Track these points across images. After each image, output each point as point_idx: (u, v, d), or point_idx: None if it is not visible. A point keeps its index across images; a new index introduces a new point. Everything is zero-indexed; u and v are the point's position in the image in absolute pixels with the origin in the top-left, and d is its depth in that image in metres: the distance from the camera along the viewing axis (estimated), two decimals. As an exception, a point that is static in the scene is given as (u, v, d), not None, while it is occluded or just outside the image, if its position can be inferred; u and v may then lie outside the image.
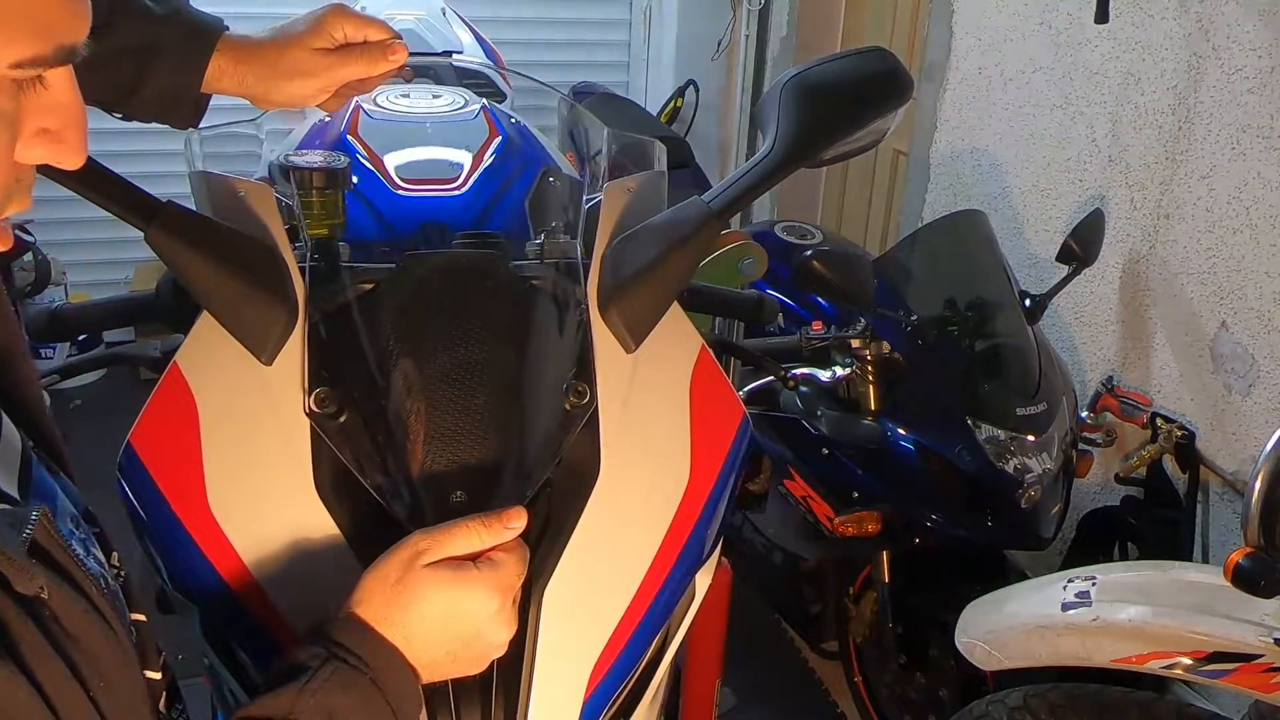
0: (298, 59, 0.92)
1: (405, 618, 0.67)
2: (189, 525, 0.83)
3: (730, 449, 0.95)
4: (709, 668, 1.44)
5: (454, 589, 0.68)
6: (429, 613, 0.67)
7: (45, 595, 0.53)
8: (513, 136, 1.24)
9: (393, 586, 0.67)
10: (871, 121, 0.98)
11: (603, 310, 0.91)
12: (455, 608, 0.68)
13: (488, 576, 0.69)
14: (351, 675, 0.64)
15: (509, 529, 0.71)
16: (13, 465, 0.61)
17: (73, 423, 3.16)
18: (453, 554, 0.69)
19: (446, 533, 0.69)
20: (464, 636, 0.69)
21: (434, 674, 0.70)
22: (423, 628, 0.68)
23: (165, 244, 0.84)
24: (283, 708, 0.62)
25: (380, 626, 0.67)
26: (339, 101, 0.98)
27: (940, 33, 2.81)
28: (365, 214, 1.08)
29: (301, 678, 0.63)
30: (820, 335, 1.67)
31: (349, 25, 0.93)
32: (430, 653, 0.68)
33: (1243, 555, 1.09)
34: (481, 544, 0.70)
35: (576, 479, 0.85)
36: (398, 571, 0.68)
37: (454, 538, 0.69)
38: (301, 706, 0.62)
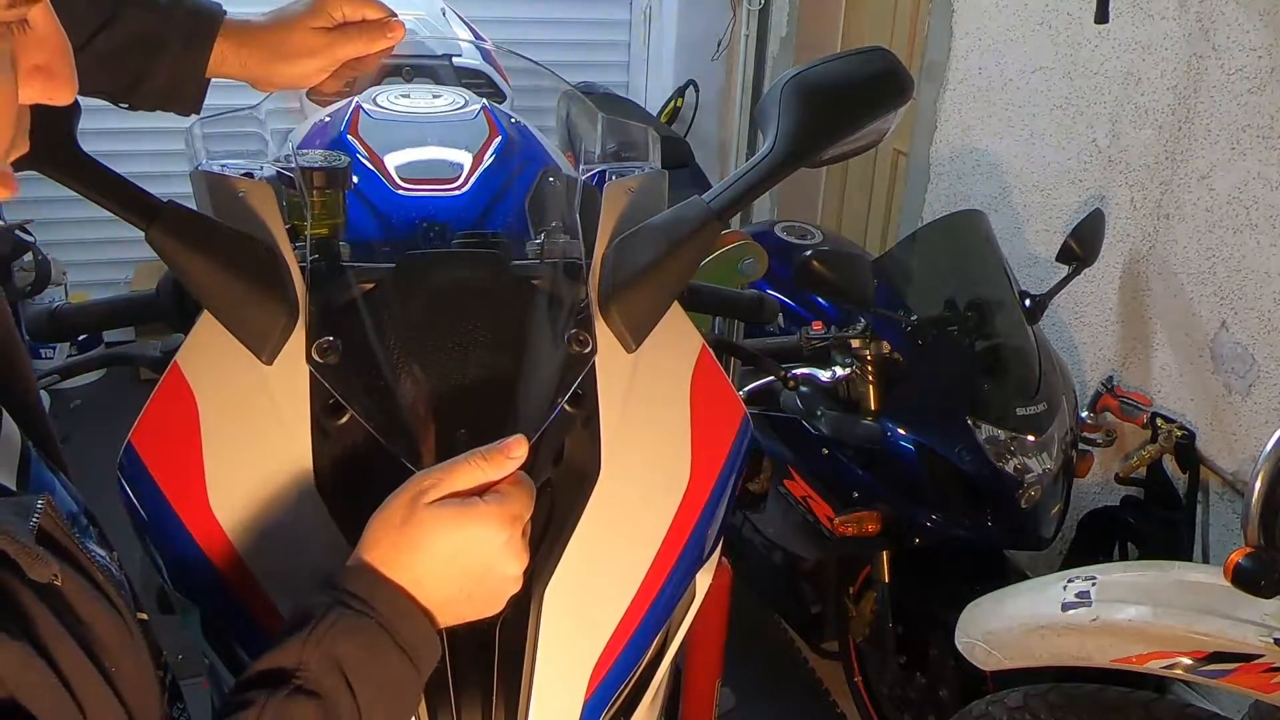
0: (298, 38, 0.94)
1: (413, 559, 0.66)
2: (190, 525, 0.83)
3: (730, 449, 0.95)
4: (709, 668, 1.44)
5: (461, 525, 0.66)
6: (437, 551, 0.66)
7: (59, 582, 0.53)
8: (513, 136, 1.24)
9: (398, 529, 0.66)
10: (871, 121, 0.98)
11: (603, 310, 0.91)
12: (464, 544, 0.66)
13: (494, 509, 0.67)
14: (357, 621, 0.63)
15: (511, 459, 0.69)
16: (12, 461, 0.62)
17: (73, 423, 3.16)
18: (456, 490, 0.68)
19: (448, 470, 0.68)
20: (475, 573, 0.68)
21: (451, 615, 0.69)
22: (433, 567, 0.66)
23: (165, 244, 0.84)
24: (289, 660, 0.61)
25: (388, 570, 0.65)
26: (336, 83, 0.99)
27: (940, 33, 2.81)
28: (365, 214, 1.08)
29: (306, 628, 0.62)
30: (820, 335, 1.67)
31: (347, 5, 0.95)
32: (443, 592, 0.67)
33: (1243, 555, 1.09)
34: (485, 478, 0.68)
35: (576, 479, 0.85)
36: (402, 513, 0.67)
37: (457, 473, 0.68)
38: (308, 657, 0.61)
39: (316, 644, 0.62)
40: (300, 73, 0.96)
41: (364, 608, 0.63)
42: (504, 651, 0.78)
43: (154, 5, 0.90)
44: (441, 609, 0.67)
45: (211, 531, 0.82)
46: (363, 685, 0.62)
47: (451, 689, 0.76)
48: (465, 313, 0.89)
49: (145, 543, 0.87)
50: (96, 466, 0.93)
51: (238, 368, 0.87)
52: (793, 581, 2.17)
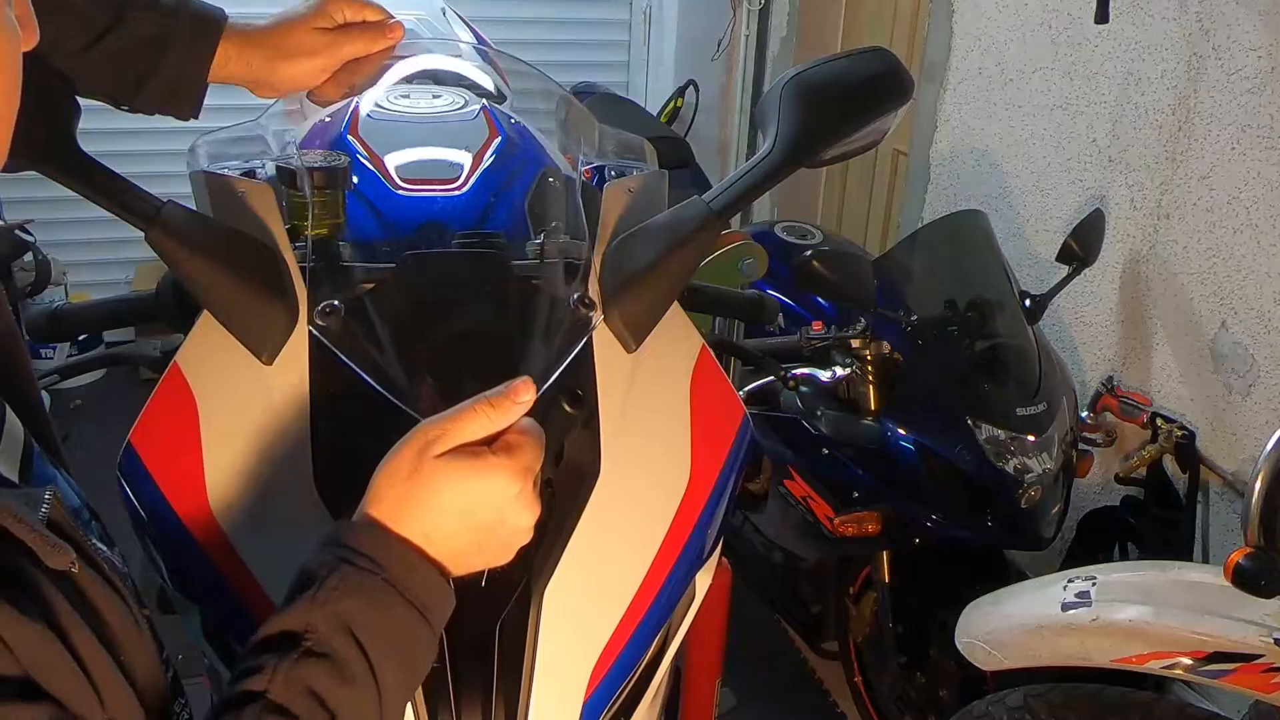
0: (300, 39, 0.95)
1: (422, 513, 0.64)
2: (189, 525, 0.83)
3: (731, 449, 0.95)
4: (709, 668, 1.44)
5: (470, 477, 0.64)
6: (446, 505, 0.64)
7: (76, 570, 0.54)
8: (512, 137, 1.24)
9: (405, 482, 0.64)
10: (871, 121, 0.98)
11: (603, 310, 0.91)
12: (473, 497, 0.65)
13: (504, 461, 0.65)
14: (363, 579, 0.62)
15: (518, 404, 0.66)
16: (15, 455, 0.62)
17: (73, 423, 3.16)
18: (464, 440, 0.65)
19: (455, 419, 0.66)
20: (486, 525, 0.66)
21: (462, 566, 0.67)
22: (442, 521, 0.65)
23: (165, 244, 0.84)
24: (297, 623, 0.60)
25: (395, 525, 0.64)
26: (338, 89, 1.00)
27: (940, 33, 2.81)
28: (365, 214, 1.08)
29: (312, 588, 0.61)
30: (820, 335, 1.67)
31: (348, 8, 0.96)
32: (453, 545, 0.66)
33: (1243, 555, 1.09)
34: (493, 426, 0.66)
35: (576, 479, 0.85)
36: (409, 465, 0.65)
37: (464, 423, 0.66)
38: (315, 618, 0.60)
39: (323, 604, 0.61)
40: (302, 72, 0.97)
41: (370, 565, 0.62)
42: (504, 651, 0.78)
43: (159, 8, 0.91)
44: (452, 561, 0.66)
45: (211, 531, 0.82)
46: (373, 643, 0.61)
47: (451, 689, 0.76)
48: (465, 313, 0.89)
49: (145, 543, 0.87)
50: (96, 466, 0.93)
51: (238, 368, 0.87)
52: (793, 581, 2.17)
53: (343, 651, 0.60)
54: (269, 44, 0.95)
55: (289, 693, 0.58)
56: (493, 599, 0.79)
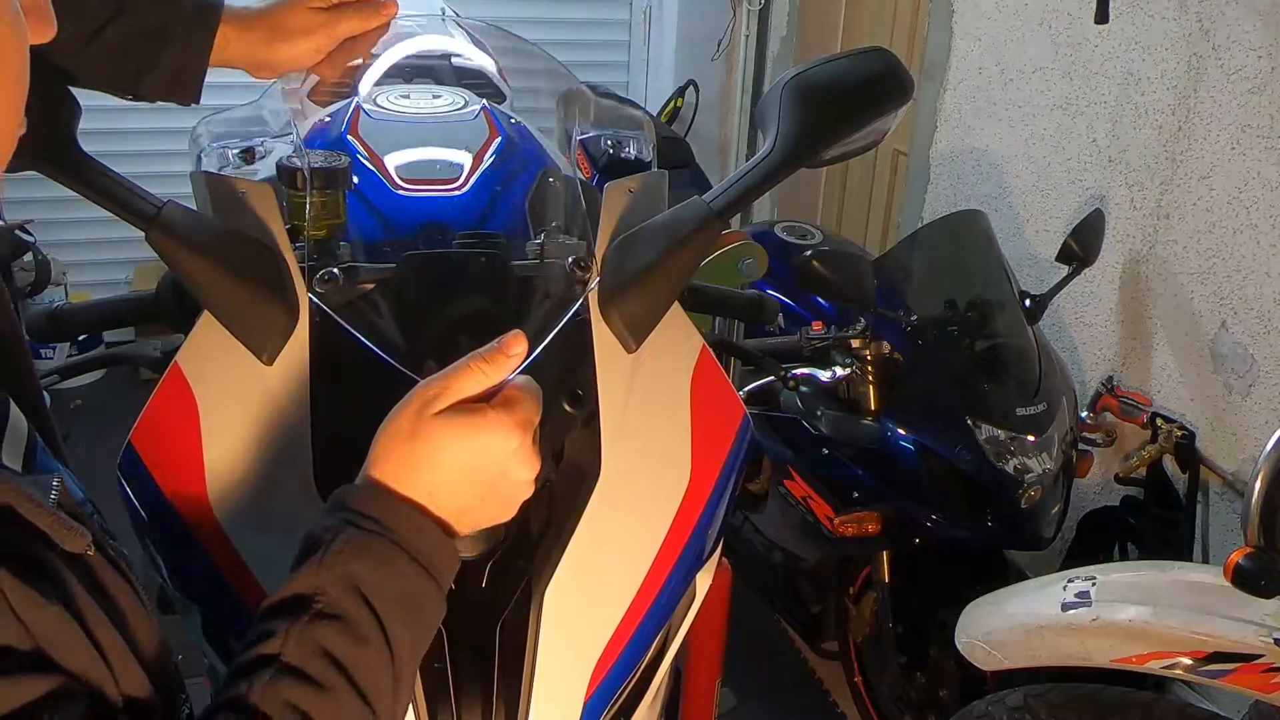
0: (296, 18, 0.97)
1: (424, 472, 0.65)
2: (190, 525, 0.83)
3: (731, 449, 0.95)
4: (709, 668, 1.44)
5: (471, 434, 0.65)
6: (448, 461, 0.65)
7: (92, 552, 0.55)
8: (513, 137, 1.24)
9: (406, 443, 0.65)
10: (872, 121, 0.98)
11: (603, 310, 0.91)
12: (475, 452, 0.65)
13: (503, 416, 0.65)
14: (369, 541, 0.62)
15: (511, 357, 0.67)
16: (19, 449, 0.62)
17: (73, 423, 3.16)
18: (462, 396, 0.66)
19: (451, 377, 0.66)
20: (488, 479, 0.67)
21: (467, 524, 0.68)
22: (445, 478, 0.65)
23: (165, 244, 0.84)
24: (306, 586, 0.61)
25: (398, 485, 0.65)
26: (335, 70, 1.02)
27: (940, 33, 2.81)
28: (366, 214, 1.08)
29: (319, 553, 0.62)
30: (820, 335, 1.67)
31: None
32: (457, 501, 0.66)
33: (1243, 555, 1.09)
34: (489, 380, 0.67)
35: (577, 479, 0.85)
36: (409, 425, 0.65)
37: (460, 380, 0.66)
38: (323, 581, 0.61)
39: (330, 567, 0.61)
40: (300, 52, 0.99)
41: (376, 526, 0.63)
42: (504, 651, 0.78)
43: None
44: (457, 518, 0.67)
45: (211, 531, 0.82)
46: (382, 603, 0.62)
47: (451, 689, 0.76)
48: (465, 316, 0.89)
49: (145, 542, 0.87)
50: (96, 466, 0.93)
51: (238, 368, 0.87)
52: (793, 581, 2.17)
53: (353, 612, 0.61)
54: (266, 26, 0.97)
55: (302, 654, 0.59)
56: (493, 599, 0.79)
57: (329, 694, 0.59)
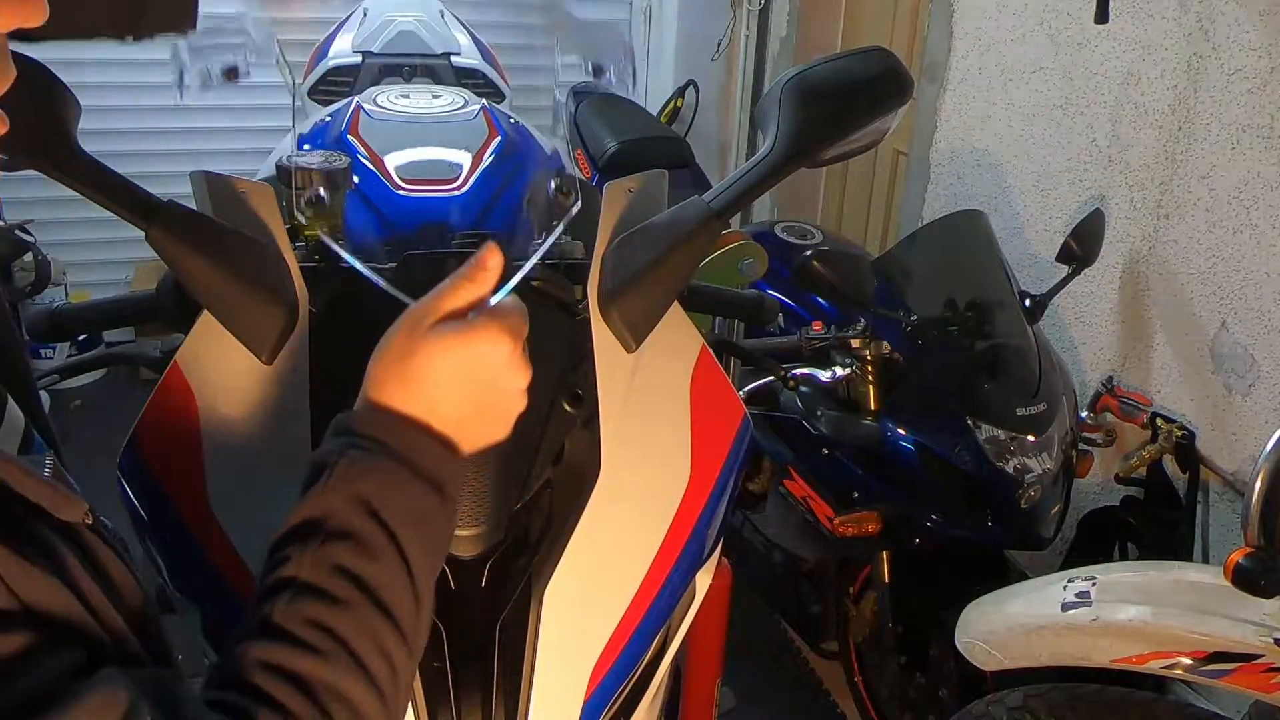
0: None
1: (422, 387, 0.66)
2: (190, 525, 0.83)
3: (731, 449, 0.95)
4: (709, 668, 1.44)
5: (463, 343, 0.66)
6: (445, 373, 0.66)
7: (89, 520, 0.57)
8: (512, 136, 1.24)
9: (401, 362, 0.66)
10: (871, 121, 0.98)
11: (603, 310, 0.91)
12: (469, 361, 0.66)
13: (493, 323, 0.67)
14: (372, 460, 0.63)
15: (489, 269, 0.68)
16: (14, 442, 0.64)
17: (73, 423, 3.16)
18: (450, 310, 0.67)
19: (436, 296, 0.68)
20: (484, 387, 0.68)
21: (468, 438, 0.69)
22: (442, 391, 0.66)
23: (165, 244, 0.85)
24: (315, 510, 0.62)
25: (398, 404, 0.66)
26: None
27: (940, 33, 2.81)
28: (365, 214, 1.08)
29: (324, 477, 0.63)
30: (820, 335, 1.67)
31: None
32: (456, 413, 0.67)
33: (1243, 555, 1.09)
34: (474, 294, 0.68)
35: (576, 479, 0.85)
36: (403, 344, 0.66)
37: (445, 297, 0.68)
38: (332, 503, 0.62)
39: (337, 489, 0.62)
40: None
41: (377, 446, 0.64)
42: (504, 651, 0.78)
43: None
44: (458, 431, 0.67)
45: (211, 531, 0.82)
46: (392, 518, 0.62)
47: (451, 689, 0.76)
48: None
49: (145, 542, 0.87)
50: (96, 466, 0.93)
51: (238, 368, 0.87)
52: (793, 581, 2.17)
53: (364, 529, 0.62)
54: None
55: (319, 573, 0.60)
56: (493, 599, 0.79)
57: (349, 608, 0.60)
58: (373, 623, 0.60)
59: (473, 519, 0.80)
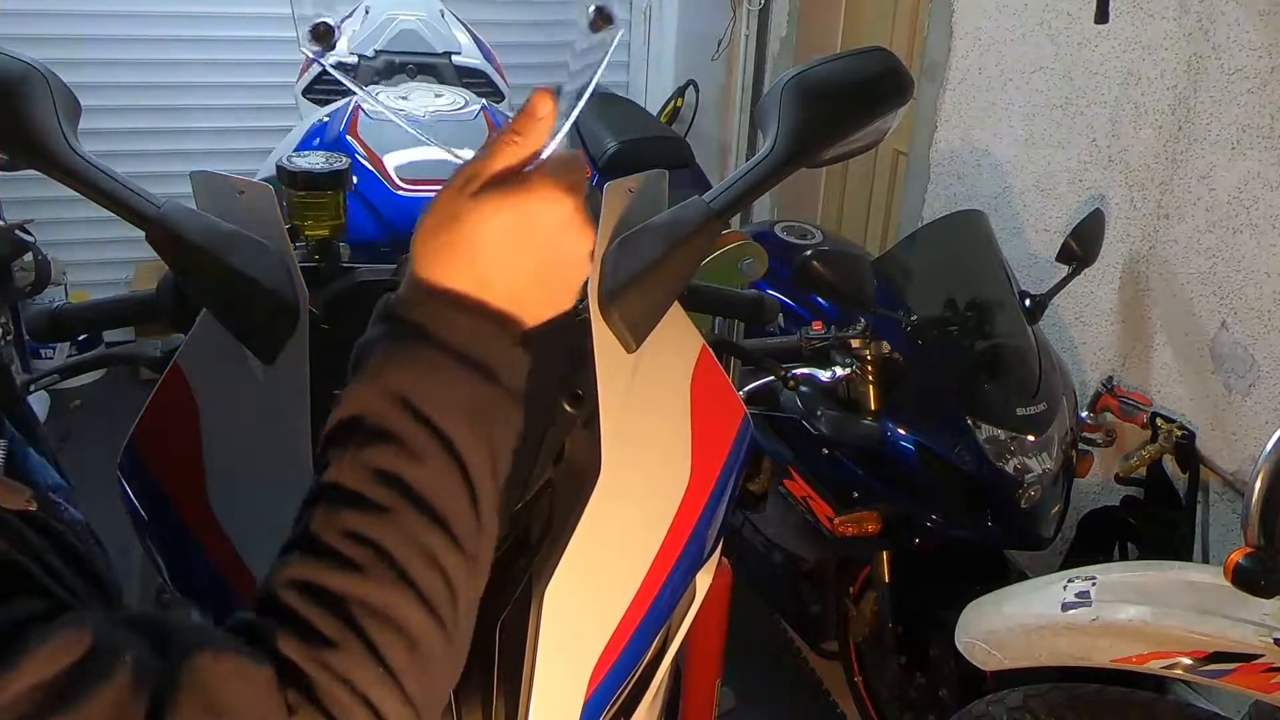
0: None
1: (472, 256, 0.58)
2: (190, 525, 0.83)
3: (731, 449, 0.95)
4: (709, 668, 1.44)
5: (518, 202, 0.59)
6: (496, 238, 0.58)
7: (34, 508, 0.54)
8: (513, 136, 1.24)
9: (446, 230, 0.59)
10: (872, 121, 0.98)
11: (603, 310, 0.91)
12: (525, 221, 0.59)
13: (548, 179, 0.60)
14: (410, 347, 0.57)
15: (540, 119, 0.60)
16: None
17: (73, 423, 3.16)
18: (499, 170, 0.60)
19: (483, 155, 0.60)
20: (540, 253, 0.60)
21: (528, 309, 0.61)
22: (495, 259, 0.59)
23: (166, 244, 0.85)
24: (351, 409, 0.57)
25: (445, 279, 0.58)
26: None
27: (940, 33, 2.81)
28: (365, 214, 1.08)
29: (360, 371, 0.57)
30: (820, 335, 1.67)
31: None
32: (513, 282, 0.60)
33: (1243, 555, 1.09)
34: (525, 149, 0.60)
35: (577, 479, 0.85)
36: (447, 209, 0.59)
37: (493, 154, 0.60)
38: (368, 399, 0.56)
39: (371, 382, 0.57)
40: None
41: (416, 330, 0.58)
42: (504, 651, 0.78)
43: None
44: (516, 302, 0.60)
45: (211, 531, 0.82)
46: (439, 413, 0.56)
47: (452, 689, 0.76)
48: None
49: (145, 542, 0.87)
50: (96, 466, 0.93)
51: (238, 368, 0.87)
52: (793, 581, 2.17)
53: (404, 428, 0.56)
54: None
55: (359, 479, 0.55)
56: (493, 599, 0.79)
57: (392, 516, 0.54)
58: (420, 531, 0.54)
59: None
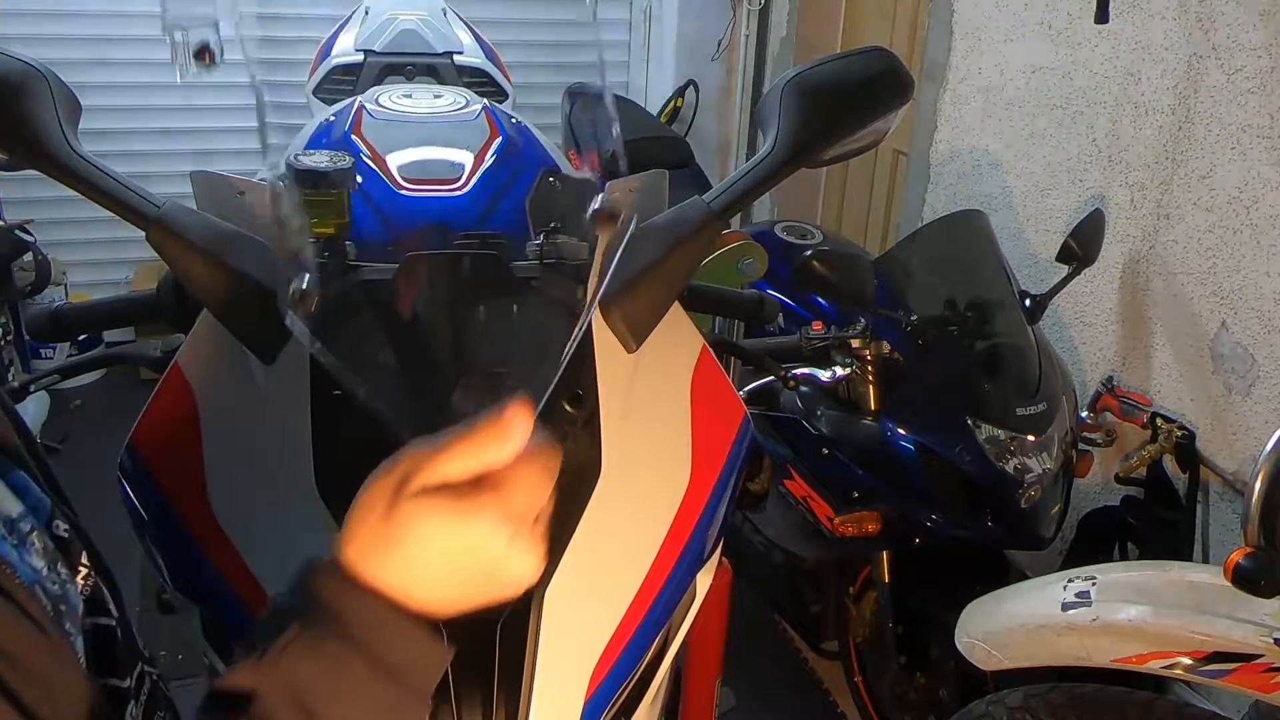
0: None
1: (399, 557, 0.55)
2: (190, 525, 0.83)
3: (731, 449, 0.95)
4: (709, 668, 1.44)
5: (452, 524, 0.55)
6: (425, 551, 0.55)
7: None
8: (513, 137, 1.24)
9: (381, 519, 0.55)
10: (871, 121, 0.98)
11: (603, 310, 0.91)
12: (457, 544, 0.55)
13: (492, 503, 0.55)
14: (320, 638, 0.53)
15: (513, 437, 0.55)
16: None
17: (73, 423, 3.16)
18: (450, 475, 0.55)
19: (441, 449, 0.55)
20: (476, 570, 0.57)
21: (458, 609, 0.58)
22: (423, 570, 0.55)
23: (166, 244, 0.85)
24: (244, 681, 0.53)
25: (369, 566, 0.55)
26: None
27: (940, 33, 2.81)
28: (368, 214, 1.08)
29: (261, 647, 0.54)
30: (820, 335, 1.67)
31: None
32: (441, 591, 0.57)
33: (1243, 555, 1.09)
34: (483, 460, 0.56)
35: (577, 479, 0.85)
36: (385, 500, 0.55)
37: (449, 455, 0.55)
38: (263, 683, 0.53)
39: (272, 666, 0.53)
40: None
41: (330, 619, 0.54)
42: (504, 651, 0.78)
43: None
44: (439, 608, 0.57)
45: (211, 531, 0.82)
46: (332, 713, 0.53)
47: (452, 689, 0.76)
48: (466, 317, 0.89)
49: (145, 542, 0.87)
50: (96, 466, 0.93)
51: (238, 368, 0.87)
52: (793, 581, 2.17)
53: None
54: None
55: None
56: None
57: None
58: None
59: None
